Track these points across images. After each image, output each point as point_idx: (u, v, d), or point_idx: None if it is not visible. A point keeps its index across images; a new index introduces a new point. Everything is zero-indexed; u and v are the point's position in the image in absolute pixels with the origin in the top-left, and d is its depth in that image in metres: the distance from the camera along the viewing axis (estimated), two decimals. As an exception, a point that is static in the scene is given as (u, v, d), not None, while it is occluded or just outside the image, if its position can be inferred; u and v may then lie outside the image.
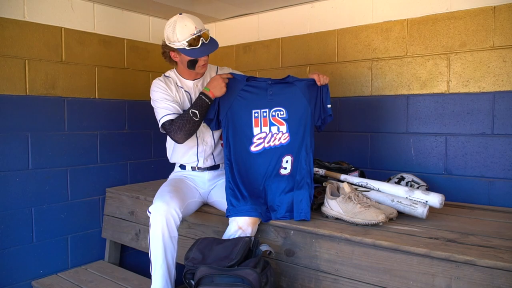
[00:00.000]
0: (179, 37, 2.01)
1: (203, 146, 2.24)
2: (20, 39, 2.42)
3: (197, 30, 2.01)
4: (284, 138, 2.14)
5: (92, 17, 2.77)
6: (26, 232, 2.50)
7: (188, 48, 2.01)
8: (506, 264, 1.38)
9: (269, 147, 2.14)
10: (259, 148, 2.14)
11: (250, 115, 2.16)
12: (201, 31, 2.03)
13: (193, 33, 2.00)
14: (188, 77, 2.22)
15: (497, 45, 2.19)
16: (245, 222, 1.92)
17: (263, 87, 2.16)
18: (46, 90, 2.55)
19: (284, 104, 2.15)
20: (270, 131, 2.15)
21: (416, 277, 1.55)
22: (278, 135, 2.15)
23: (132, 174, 3.07)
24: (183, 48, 2.02)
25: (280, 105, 2.15)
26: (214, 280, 1.63)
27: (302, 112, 2.14)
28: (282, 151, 2.13)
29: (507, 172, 2.19)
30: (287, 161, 2.12)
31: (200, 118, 2.04)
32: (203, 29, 2.04)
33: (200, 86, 2.23)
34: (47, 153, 2.56)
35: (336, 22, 2.75)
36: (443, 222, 1.90)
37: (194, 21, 2.03)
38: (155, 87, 2.15)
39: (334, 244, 1.77)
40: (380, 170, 2.58)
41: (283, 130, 2.14)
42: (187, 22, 2.01)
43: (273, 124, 2.15)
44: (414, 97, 2.47)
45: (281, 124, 2.15)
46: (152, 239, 1.89)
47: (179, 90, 2.20)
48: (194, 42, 2.01)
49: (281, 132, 2.14)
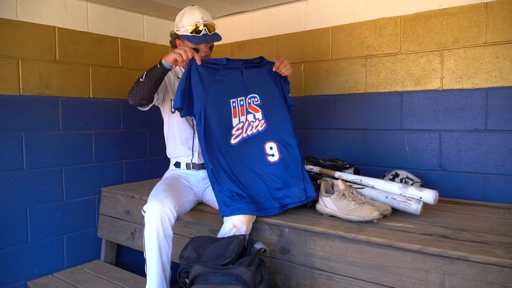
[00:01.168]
0: (184, 23, 2.13)
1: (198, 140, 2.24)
2: (13, 38, 2.41)
3: (203, 20, 2.12)
4: (261, 125, 2.10)
5: (85, 16, 2.76)
6: (21, 232, 2.50)
7: (190, 34, 2.11)
8: (499, 260, 1.39)
9: (247, 136, 2.09)
10: (239, 140, 2.07)
11: (229, 106, 2.07)
12: (207, 21, 2.12)
13: (198, 21, 2.10)
14: None
15: (490, 41, 2.20)
16: (240, 221, 1.92)
17: (238, 71, 2.09)
18: (40, 89, 2.54)
19: (258, 90, 2.11)
20: (247, 120, 2.10)
21: (410, 273, 1.56)
22: (255, 123, 2.10)
23: (127, 174, 3.06)
24: (186, 34, 2.11)
25: (254, 92, 2.11)
26: (208, 278, 1.63)
27: (275, 96, 2.13)
28: (261, 138, 2.09)
29: (501, 167, 2.20)
30: (271, 147, 2.09)
31: (144, 80, 1.96)
32: (210, 21, 2.15)
33: None
34: (41, 153, 2.56)
35: (330, 19, 2.75)
36: (437, 218, 1.90)
37: (202, 12, 2.15)
38: None
39: (328, 241, 1.78)
40: (374, 167, 2.58)
41: (259, 117, 2.11)
42: (195, 11, 2.15)
43: (249, 112, 2.10)
44: (408, 94, 2.48)
45: (257, 112, 2.11)
46: (147, 238, 1.88)
47: (177, 81, 2.23)
48: (197, 30, 2.10)
49: (257, 119, 2.11)
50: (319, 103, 2.85)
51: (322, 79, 2.82)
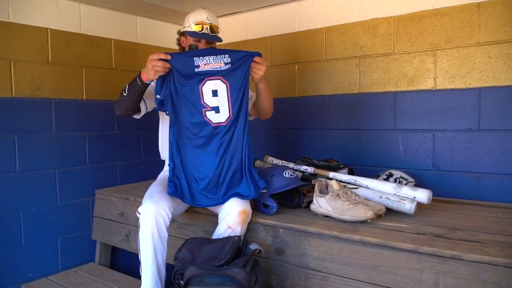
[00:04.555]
0: (190, 20, 2.22)
1: None
2: (5, 40, 2.39)
3: (208, 20, 2.20)
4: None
5: (78, 17, 2.75)
6: (15, 236, 2.48)
7: (192, 30, 2.19)
8: (492, 258, 1.40)
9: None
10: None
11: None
12: (212, 22, 2.21)
13: (203, 20, 2.20)
14: None
15: (482, 41, 2.21)
16: (235, 221, 1.92)
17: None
18: (33, 91, 2.52)
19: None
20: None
21: (404, 272, 1.56)
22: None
23: (121, 175, 3.05)
24: (189, 30, 2.20)
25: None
26: (203, 280, 1.62)
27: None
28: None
29: (494, 167, 2.22)
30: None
31: (127, 94, 1.97)
32: (215, 23, 2.24)
33: None
34: (34, 155, 2.54)
35: (324, 20, 2.76)
36: (431, 218, 1.91)
37: (209, 14, 2.24)
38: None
39: (323, 241, 1.78)
40: (369, 167, 2.59)
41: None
42: (203, 12, 2.24)
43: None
44: (401, 94, 2.49)
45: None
46: (142, 240, 1.87)
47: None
48: (199, 27, 2.18)
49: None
50: (313, 103, 2.85)
51: (316, 79, 2.82)
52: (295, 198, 2.18)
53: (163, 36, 3.29)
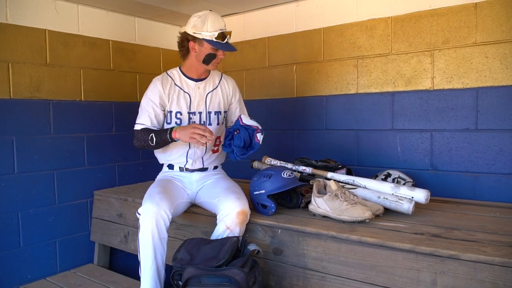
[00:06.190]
0: (210, 28, 2.08)
1: (194, 149, 2.24)
2: (3, 42, 2.39)
3: (225, 27, 2.14)
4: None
5: (76, 18, 2.75)
6: (13, 237, 2.48)
7: (215, 40, 2.09)
8: (489, 258, 1.40)
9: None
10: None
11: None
12: (228, 30, 2.15)
13: (223, 29, 2.11)
14: (193, 75, 2.24)
15: (479, 41, 2.22)
16: (233, 222, 1.92)
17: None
18: (31, 93, 2.53)
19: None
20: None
21: (402, 272, 1.57)
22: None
23: (120, 176, 3.05)
24: (211, 39, 2.09)
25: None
26: (201, 280, 1.63)
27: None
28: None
29: (491, 166, 2.22)
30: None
31: (155, 145, 2.12)
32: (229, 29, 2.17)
33: (202, 89, 2.25)
34: (33, 156, 2.54)
35: (321, 20, 2.76)
36: (429, 218, 1.92)
37: (223, 20, 2.16)
38: (151, 88, 2.20)
39: (321, 241, 1.79)
40: (367, 167, 2.60)
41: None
42: (219, 18, 2.14)
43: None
44: (399, 94, 2.49)
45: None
46: (142, 241, 1.88)
47: (175, 89, 2.20)
48: (221, 36, 2.10)
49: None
50: (311, 104, 2.86)
51: (314, 80, 2.83)
52: (293, 199, 2.18)
53: (161, 37, 3.30)
